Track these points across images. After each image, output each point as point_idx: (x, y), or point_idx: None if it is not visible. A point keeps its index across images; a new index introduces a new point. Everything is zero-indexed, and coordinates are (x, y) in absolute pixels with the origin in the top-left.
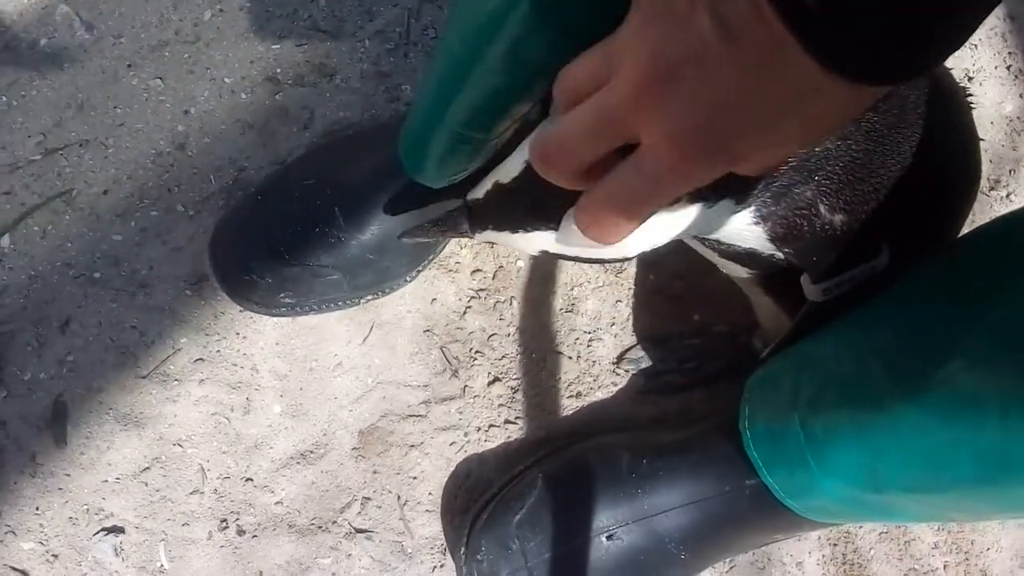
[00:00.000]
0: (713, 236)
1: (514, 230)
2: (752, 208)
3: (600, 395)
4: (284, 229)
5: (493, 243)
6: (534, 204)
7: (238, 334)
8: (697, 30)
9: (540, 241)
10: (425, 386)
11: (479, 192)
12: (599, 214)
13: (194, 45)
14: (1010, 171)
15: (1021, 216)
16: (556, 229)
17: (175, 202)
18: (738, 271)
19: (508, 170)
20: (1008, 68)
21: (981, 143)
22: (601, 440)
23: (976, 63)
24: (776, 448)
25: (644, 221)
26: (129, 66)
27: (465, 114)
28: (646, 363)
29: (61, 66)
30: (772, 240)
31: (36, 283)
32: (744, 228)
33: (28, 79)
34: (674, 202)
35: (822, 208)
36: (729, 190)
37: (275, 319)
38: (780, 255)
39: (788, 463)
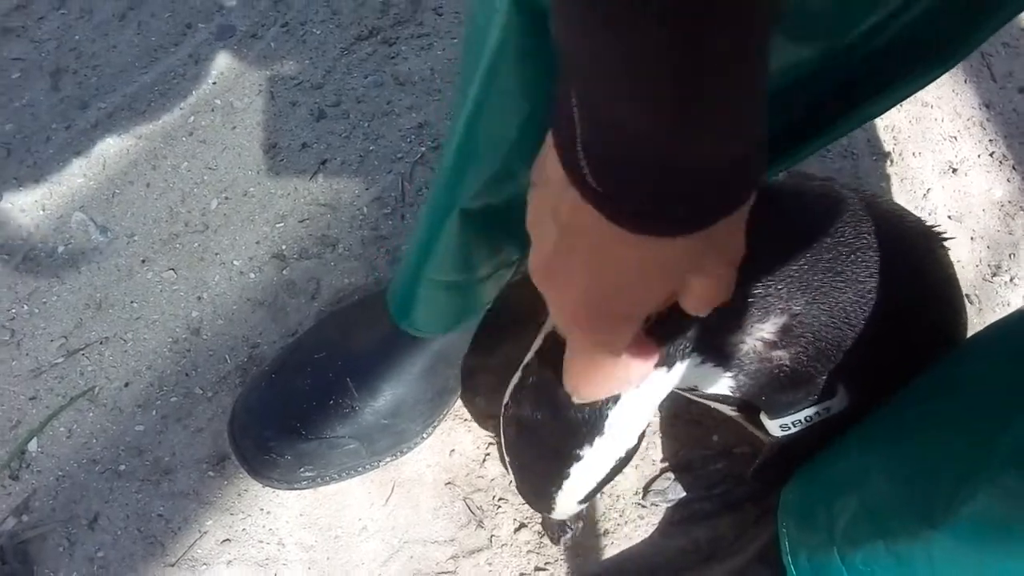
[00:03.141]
0: (689, 385)
1: (549, 509)
2: (711, 358)
3: (628, 530)
4: (299, 405)
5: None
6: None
7: (262, 510)
8: (551, 228)
9: (569, 497)
10: (452, 540)
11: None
12: (582, 390)
13: (203, 234)
14: (1010, 255)
15: None
16: (561, 487)
17: (193, 386)
18: (722, 409)
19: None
20: (991, 155)
21: (976, 231)
22: None
23: (958, 154)
24: None
25: (615, 378)
26: (143, 261)
27: (436, 266)
28: (672, 493)
29: (79, 269)
30: (730, 385)
31: (64, 483)
32: (708, 374)
33: (48, 286)
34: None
35: (769, 351)
36: (682, 351)
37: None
38: (737, 395)
39: None
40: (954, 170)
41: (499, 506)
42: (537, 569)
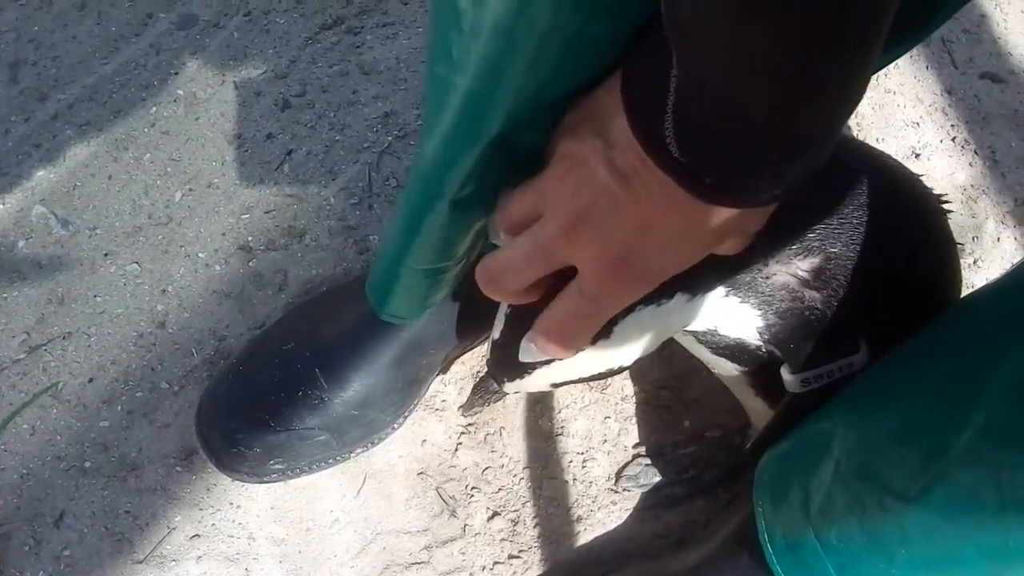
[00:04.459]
0: (707, 327)
1: (520, 376)
2: (738, 292)
3: (601, 516)
4: (267, 397)
5: (518, 391)
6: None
7: (232, 504)
8: (601, 179)
9: (545, 376)
10: (425, 530)
11: (489, 354)
12: (555, 331)
13: (167, 226)
14: (973, 238)
15: (1002, 289)
16: (549, 363)
17: (159, 380)
18: (728, 369)
19: (496, 329)
20: (953, 140)
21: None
22: None
23: (920, 140)
24: (798, 561)
25: (592, 334)
26: (106, 255)
27: (419, 256)
28: (643, 479)
29: (40, 264)
30: (758, 326)
31: (28, 481)
32: (733, 312)
33: (8, 281)
34: (659, 300)
35: (802, 288)
36: (710, 280)
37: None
38: (763, 347)
39: (811, 574)
40: (917, 155)
41: (472, 495)
42: (511, 557)
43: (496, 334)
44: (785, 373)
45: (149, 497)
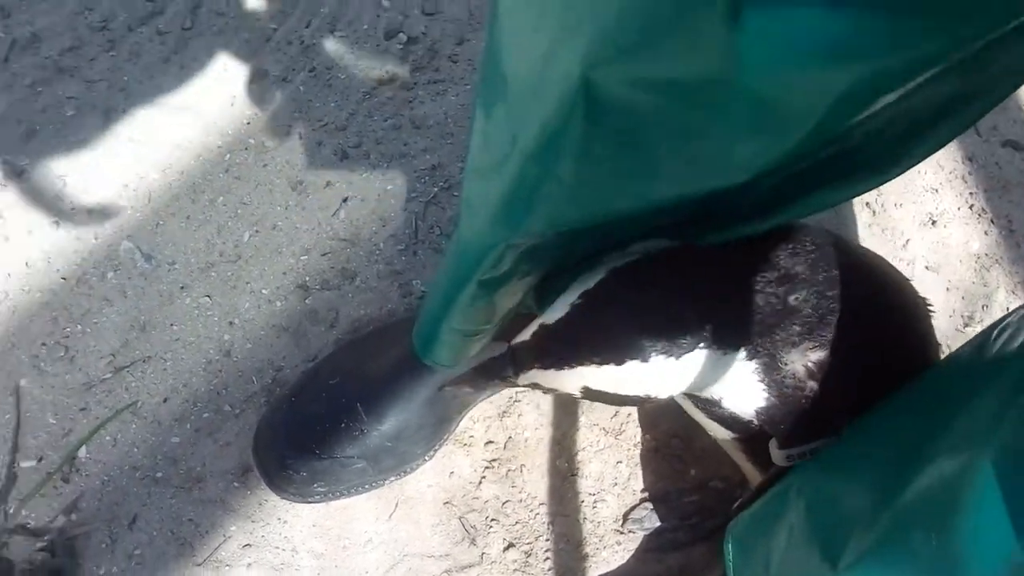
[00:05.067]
0: (709, 393)
1: (559, 367)
2: (758, 369)
3: (606, 554)
4: (314, 428)
5: (535, 384)
6: (579, 342)
7: (279, 519)
8: None
9: (583, 376)
10: (447, 555)
11: (526, 335)
12: None
13: (236, 264)
14: (983, 306)
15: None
16: (599, 363)
17: (223, 403)
18: (721, 433)
19: (553, 313)
20: (971, 208)
21: (952, 282)
22: None
23: (939, 206)
24: None
25: None
26: (182, 288)
27: (460, 319)
28: (648, 522)
29: (125, 293)
30: (759, 406)
31: (108, 487)
32: (744, 386)
33: (98, 308)
34: (686, 348)
35: (807, 379)
36: (736, 341)
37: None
38: (756, 421)
39: None
40: (934, 222)
41: (491, 526)
42: None
43: (550, 319)
44: (773, 447)
45: (210, 507)
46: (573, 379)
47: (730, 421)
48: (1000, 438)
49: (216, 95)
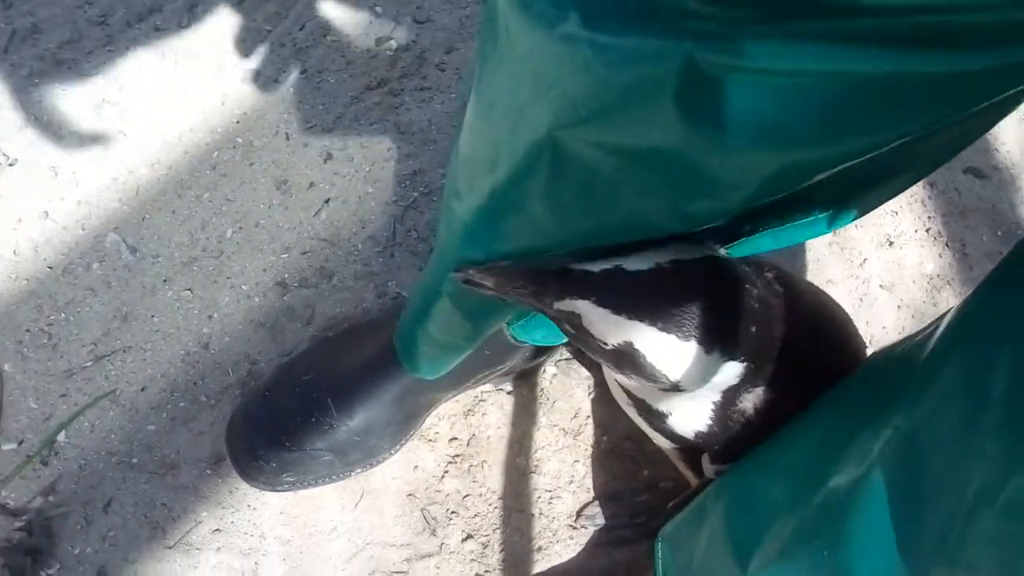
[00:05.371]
0: (660, 406)
1: (620, 312)
2: (716, 403)
3: (559, 548)
4: (285, 421)
5: (569, 314)
6: (654, 301)
7: (249, 506)
8: None
9: (632, 334)
10: (407, 544)
11: (594, 267)
12: None
13: (218, 259)
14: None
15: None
16: (663, 329)
17: (199, 393)
18: (661, 441)
19: (635, 262)
20: (928, 231)
21: (904, 301)
22: None
23: (896, 228)
24: None
25: None
26: (164, 280)
27: (435, 327)
28: (600, 519)
29: (109, 284)
30: (699, 430)
31: (85, 470)
32: (696, 410)
33: (83, 297)
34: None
35: (754, 417)
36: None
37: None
38: (693, 439)
39: None
40: (891, 243)
41: (451, 518)
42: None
43: (632, 266)
44: (705, 461)
45: (182, 493)
46: (621, 331)
47: (669, 434)
48: (892, 451)
49: (208, 93)
